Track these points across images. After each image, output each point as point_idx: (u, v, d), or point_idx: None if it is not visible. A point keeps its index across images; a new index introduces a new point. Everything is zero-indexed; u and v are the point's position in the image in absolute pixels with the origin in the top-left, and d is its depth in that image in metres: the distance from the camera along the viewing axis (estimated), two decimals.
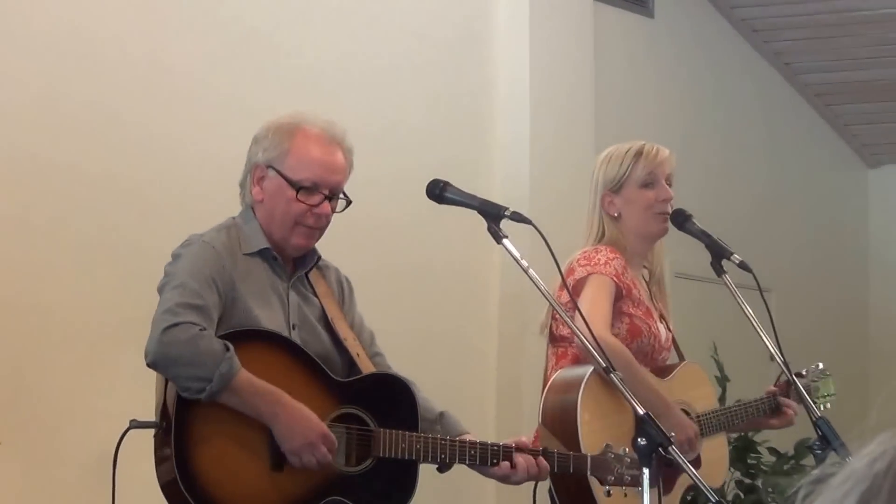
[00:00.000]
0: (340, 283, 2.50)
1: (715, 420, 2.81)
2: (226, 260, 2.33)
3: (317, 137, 2.37)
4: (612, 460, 2.43)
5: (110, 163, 3.38)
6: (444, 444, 2.35)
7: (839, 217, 6.31)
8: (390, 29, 4.11)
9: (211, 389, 2.21)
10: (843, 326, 5.79)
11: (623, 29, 4.97)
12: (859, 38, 5.57)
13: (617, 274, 2.72)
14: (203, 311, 2.25)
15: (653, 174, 2.79)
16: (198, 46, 3.60)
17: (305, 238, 2.37)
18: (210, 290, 2.29)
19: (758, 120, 5.81)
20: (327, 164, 2.35)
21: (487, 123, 4.35)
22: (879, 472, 0.55)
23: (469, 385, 4.16)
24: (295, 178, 2.34)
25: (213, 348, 2.22)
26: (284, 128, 2.38)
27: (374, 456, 2.34)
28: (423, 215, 3.79)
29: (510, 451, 2.39)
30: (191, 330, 2.21)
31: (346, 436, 2.34)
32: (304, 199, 2.34)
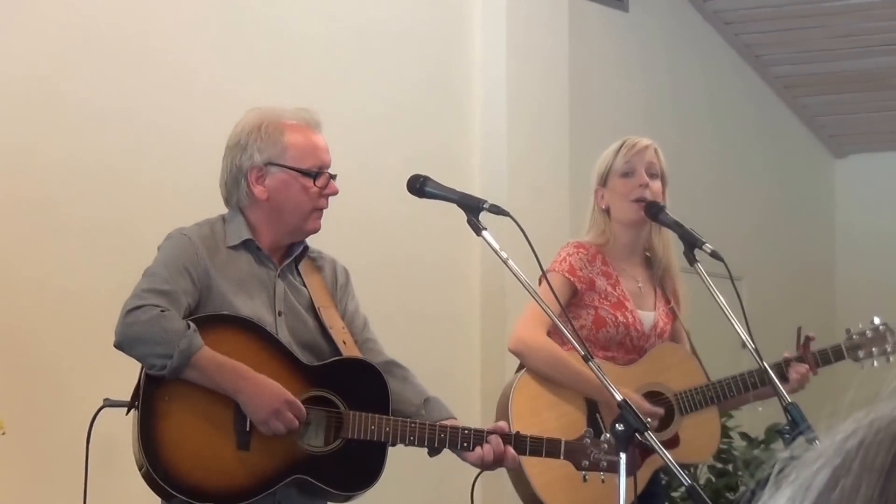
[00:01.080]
0: (335, 273, 2.55)
1: (698, 397, 2.87)
2: (201, 249, 2.38)
3: (302, 125, 2.45)
4: (588, 445, 2.44)
5: (96, 151, 3.41)
6: (414, 427, 2.38)
7: (807, 205, 6.42)
8: (367, 25, 4.15)
9: (172, 365, 2.27)
10: (812, 312, 5.89)
11: (598, 22, 5.04)
12: (827, 30, 5.66)
13: (572, 269, 2.83)
14: (169, 296, 2.32)
15: (630, 163, 2.87)
16: (188, 40, 3.64)
17: (319, 221, 2.46)
18: (182, 277, 2.35)
19: (728, 111, 5.90)
20: (321, 146, 2.45)
21: (465, 118, 4.40)
22: (851, 449, 0.56)
23: (453, 372, 4.22)
24: (305, 166, 2.42)
25: (175, 327, 2.29)
26: (271, 125, 2.43)
27: (342, 437, 2.38)
28: (404, 209, 3.85)
29: (481, 435, 2.40)
30: (152, 311, 2.29)
31: (317, 417, 2.38)
32: (322, 185, 2.43)
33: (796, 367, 2.88)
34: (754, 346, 2.49)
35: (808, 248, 6.35)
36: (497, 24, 4.42)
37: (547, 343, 2.80)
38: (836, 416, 0.59)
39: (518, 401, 2.81)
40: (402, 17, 4.25)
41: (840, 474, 0.56)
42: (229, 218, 2.47)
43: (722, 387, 2.89)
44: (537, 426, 2.78)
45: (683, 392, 2.88)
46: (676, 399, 2.88)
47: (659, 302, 2.95)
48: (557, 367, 2.79)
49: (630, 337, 2.89)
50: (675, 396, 2.88)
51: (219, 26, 3.73)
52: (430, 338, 4.16)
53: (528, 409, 2.81)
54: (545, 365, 2.81)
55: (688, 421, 2.88)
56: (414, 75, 4.28)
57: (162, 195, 3.51)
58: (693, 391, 2.88)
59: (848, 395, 0.61)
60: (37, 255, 3.29)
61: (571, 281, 2.83)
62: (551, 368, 2.81)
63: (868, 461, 0.55)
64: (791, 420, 2.44)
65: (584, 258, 2.85)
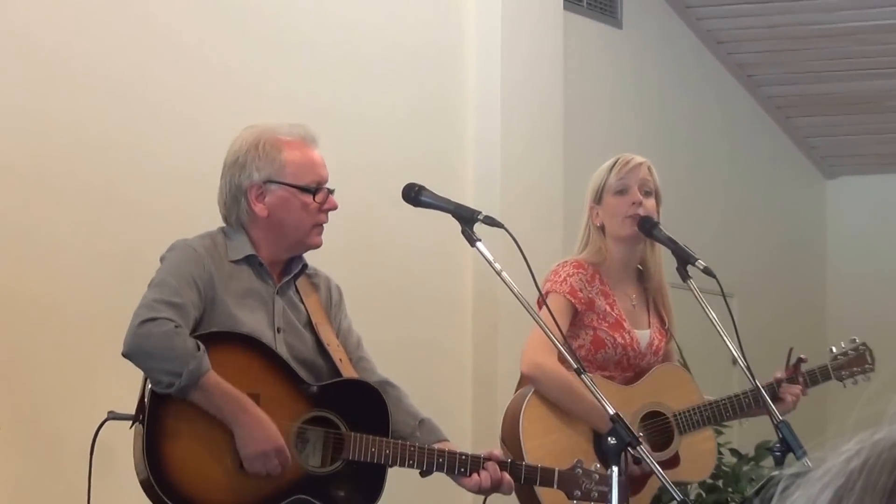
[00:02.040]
0: (329, 290, 2.55)
1: (696, 416, 2.88)
2: (207, 261, 2.39)
3: (298, 142, 2.45)
4: (580, 476, 2.46)
5: (99, 167, 3.41)
6: (413, 451, 2.40)
7: (798, 225, 6.46)
8: (365, 38, 4.16)
9: (180, 384, 2.28)
10: (802, 330, 5.92)
11: (592, 38, 5.06)
12: (819, 52, 5.70)
13: (573, 290, 2.83)
14: (180, 309, 2.32)
15: (623, 181, 2.87)
16: (174, 58, 3.63)
17: (320, 235, 2.47)
18: (190, 288, 2.35)
19: (720, 130, 5.93)
20: (319, 162, 2.46)
21: (459, 132, 4.41)
22: (854, 469, 0.56)
23: (445, 387, 4.21)
24: (304, 183, 2.42)
25: (186, 346, 2.29)
26: (268, 143, 2.43)
27: (343, 458, 2.39)
28: (398, 219, 3.85)
29: (478, 461, 2.42)
30: (166, 325, 2.28)
31: (317, 438, 2.40)
32: (322, 200, 2.43)
33: (789, 388, 2.89)
34: (746, 364, 2.49)
35: (799, 266, 6.38)
36: (492, 39, 4.44)
37: (560, 369, 2.78)
38: (840, 436, 0.59)
39: (530, 419, 2.81)
40: (398, 31, 4.26)
41: (843, 494, 0.56)
42: (230, 233, 2.47)
43: (720, 407, 2.90)
44: (549, 445, 2.79)
45: (683, 412, 2.89)
46: (676, 419, 2.89)
47: (653, 319, 2.95)
48: (568, 394, 2.78)
49: (627, 356, 2.90)
50: (674, 416, 2.89)
51: (220, 39, 3.73)
52: (421, 359, 4.15)
53: (540, 427, 2.81)
54: (556, 391, 2.81)
55: (687, 440, 2.89)
56: (409, 90, 4.28)
57: (166, 208, 3.50)
58: (692, 411, 2.89)
59: (852, 414, 0.61)
60: (41, 266, 3.27)
61: (572, 302, 2.83)
62: (562, 395, 2.80)
63: (871, 482, 0.56)
64: (782, 438, 2.44)
65: (583, 278, 2.85)
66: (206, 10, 3.72)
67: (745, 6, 5.49)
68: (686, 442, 2.88)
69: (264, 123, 2.49)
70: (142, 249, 2.96)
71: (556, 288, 2.82)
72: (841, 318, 6.34)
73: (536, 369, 2.80)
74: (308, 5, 4.01)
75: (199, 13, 3.69)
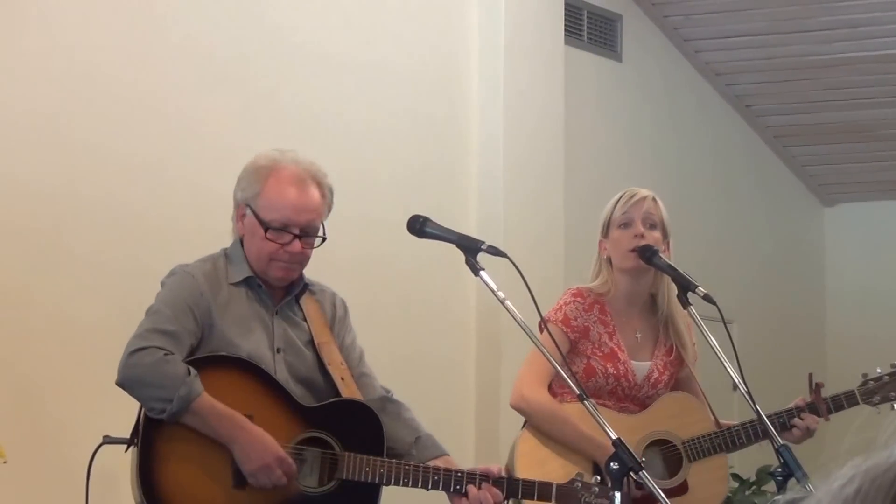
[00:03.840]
0: (334, 307, 2.57)
1: (707, 444, 2.87)
2: (204, 288, 2.42)
3: (288, 178, 2.44)
4: (579, 489, 2.44)
5: (103, 185, 3.46)
6: (408, 470, 2.41)
7: (797, 252, 6.49)
8: (369, 73, 4.23)
9: (171, 410, 2.32)
10: (802, 356, 5.94)
11: (593, 72, 5.14)
12: (816, 82, 5.76)
13: (566, 319, 2.86)
14: (173, 337, 2.36)
15: (627, 214, 2.89)
16: (186, 76, 3.69)
17: (283, 272, 2.46)
18: (185, 316, 2.39)
19: (719, 159, 5.98)
20: (297, 205, 2.42)
21: (462, 161, 4.47)
22: (848, 496, 0.57)
23: (448, 401, 4.23)
24: (266, 218, 2.42)
25: (176, 372, 2.33)
26: (261, 170, 2.45)
27: (337, 478, 2.40)
28: (400, 250, 3.90)
29: (473, 477, 2.42)
30: (155, 354, 2.33)
31: (312, 458, 2.41)
32: (274, 238, 2.42)
33: (806, 419, 2.85)
34: (746, 389, 2.51)
35: (798, 293, 6.41)
36: (494, 72, 4.50)
37: (548, 401, 2.81)
38: (833, 463, 0.60)
39: (522, 454, 2.83)
40: (400, 67, 4.32)
41: None
42: (231, 254, 2.51)
43: (731, 435, 2.88)
44: (545, 476, 2.75)
45: (692, 439, 2.88)
46: (685, 447, 2.88)
47: (658, 351, 2.95)
48: (557, 424, 2.81)
49: (621, 387, 2.90)
50: (683, 444, 2.88)
51: (222, 43, 3.78)
52: (425, 377, 4.18)
53: (533, 460, 2.82)
54: (546, 423, 2.83)
55: (697, 468, 2.87)
56: (411, 124, 4.34)
57: (167, 233, 3.55)
58: (702, 438, 2.88)
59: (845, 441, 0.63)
60: (41, 289, 3.32)
61: (565, 332, 2.86)
62: (551, 425, 2.83)
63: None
64: (783, 462, 2.45)
65: (579, 307, 2.88)
66: (226, 29, 3.77)
67: (743, 38, 5.57)
68: (696, 469, 2.87)
69: (284, 151, 2.49)
70: (148, 275, 3.00)
71: (552, 317, 2.85)
72: (841, 345, 6.36)
73: (522, 402, 2.83)
74: (319, 24, 4.08)
75: (219, 33, 3.75)
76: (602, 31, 5.22)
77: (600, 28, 5.21)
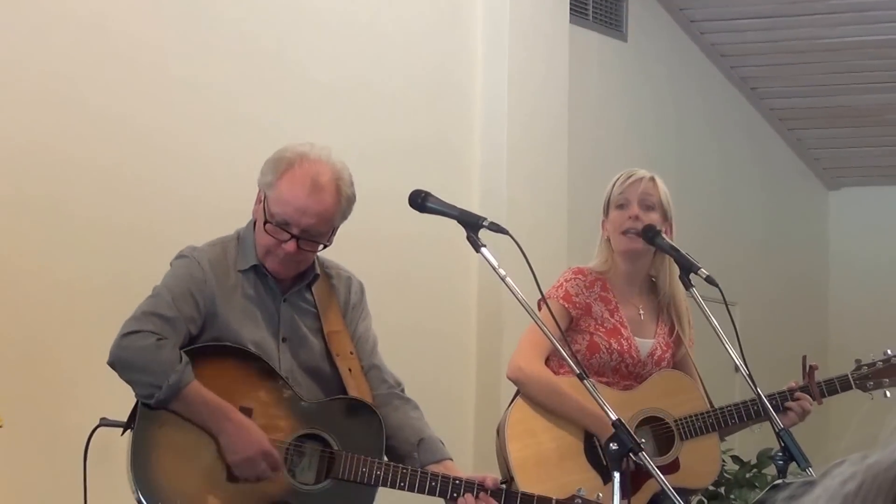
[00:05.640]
0: (349, 292, 2.52)
1: (698, 423, 2.87)
2: (209, 276, 2.39)
3: (303, 177, 2.37)
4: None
5: (106, 155, 3.43)
6: (406, 473, 2.37)
7: (801, 235, 6.48)
8: (374, 50, 4.19)
9: (159, 397, 2.30)
10: (804, 338, 5.93)
11: (597, 51, 5.10)
12: (822, 65, 5.73)
13: (567, 295, 2.86)
14: (169, 322, 2.33)
15: (624, 195, 2.89)
16: (205, 61, 3.67)
17: (277, 266, 2.41)
18: (186, 303, 2.36)
19: (724, 142, 5.96)
20: (302, 206, 2.36)
21: (465, 141, 4.44)
22: (849, 493, 0.57)
23: (448, 378, 4.22)
24: (272, 210, 2.38)
25: (168, 358, 2.30)
26: (283, 161, 2.40)
27: (332, 477, 2.37)
28: (403, 226, 3.88)
29: (472, 486, 2.37)
30: (147, 339, 2.31)
31: (311, 454, 2.38)
32: (271, 233, 2.38)
33: (800, 400, 2.85)
34: (747, 371, 2.49)
35: (802, 276, 6.40)
36: (499, 51, 4.48)
37: (544, 372, 2.81)
38: (834, 456, 0.60)
39: (514, 422, 2.82)
40: (405, 44, 4.29)
41: None
42: (244, 236, 2.46)
43: (724, 414, 2.88)
44: (533, 447, 2.79)
45: (684, 418, 2.88)
46: (677, 425, 2.87)
47: (661, 330, 2.95)
48: (553, 395, 2.80)
49: (625, 363, 2.89)
50: (675, 422, 2.88)
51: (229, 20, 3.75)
52: (425, 354, 4.17)
53: (524, 429, 2.81)
54: (541, 393, 2.82)
55: (689, 446, 2.87)
56: (415, 103, 4.31)
57: (171, 208, 3.53)
58: (694, 417, 2.88)
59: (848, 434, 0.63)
60: (43, 263, 3.30)
61: (566, 308, 2.85)
62: (546, 397, 2.82)
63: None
64: (783, 446, 2.44)
65: (580, 284, 2.87)
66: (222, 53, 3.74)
67: (749, 21, 5.53)
68: (688, 448, 2.87)
69: (318, 148, 2.42)
70: (151, 252, 2.98)
71: (552, 294, 2.84)
72: (843, 327, 6.36)
73: (518, 372, 2.82)
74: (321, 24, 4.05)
75: (216, 57, 3.71)
76: (607, 11, 5.18)
77: (605, 7, 5.17)
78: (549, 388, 2.80)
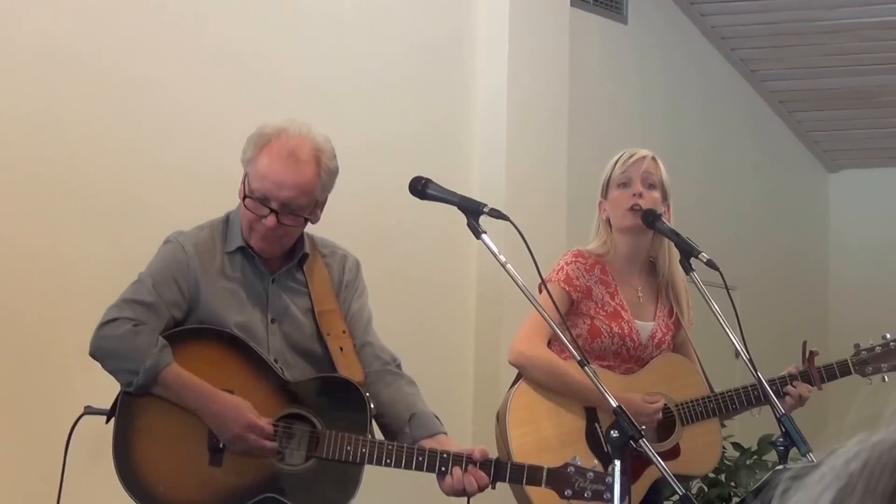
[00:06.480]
0: (342, 271, 2.49)
1: (700, 408, 2.86)
2: (193, 261, 2.38)
3: (281, 151, 2.35)
4: (572, 474, 2.34)
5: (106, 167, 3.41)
6: (391, 450, 2.32)
7: (802, 218, 6.47)
8: (372, 34, 4.17)
9: (137, 382, 2.30)
10: (805, 322, 5.93)
11: (598, 34, 5.07)
12: (822, 47, 5.71)
13: (568, 279, 2.85)
14: (149, 308, 2.33)
15: (626, 174, 2.88)
16: (188, 59, 3.64)
17: (260, 243, 2.39)
18: (168, 288, 2.36)
19: (724, 124, 5.94)
20: (279, 180, 2.33)
21: (465, 126, 4.42)
22: (854, 471, 0.56)
23: (448, 372, 4.21)
24: (251, 186, 2.36)
25: (144, 343, 2.30)
26: (262, 137, 2.38)
27: (316, 456, 2.34)
28: (402, 213, 3.86)
29: (460, 459, 2.32)
30: (124, 326, 2.31)
31: (301, 435, 2.35)
32: (251, 208, 2.36)
33: (799, 387, 2.84)
34: (748, 356, 2.48)
35: (802, 260, 6.39)
36: (499, 34, 4.45)
37: (546, 353, 2.80)
38: (839, 436, 0.59)
39: (515, 408, 2.81)
40: (404, 28, 4.27)
41: (843, 497, 0.56)
42: (233, 217, 2.45)
43: (724, 399, 2.87)
44: (535, 433, 2.79)
45: (686, 403, 2.86)
46: (678, 409, 2.86)
47: (660, 312, 2.94)
48: (557, 377, 2.79)
49: (626, 347, 2.89)
50: (676, 407, 2.87)
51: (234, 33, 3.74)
52: (425, 341, 4.16)
53: (526, 415, 2.81)
54: (545, 375, 2.81)
55: (689, 432, 2.86)
56: (414, 86, 4.29)
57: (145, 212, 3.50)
58: (695, 402, 2.87)
59: (849, 415, 0.62)
60: (25, 248, 3.28)
61: (567, 291, 2.84)
62: (551, 379, 2.80)
63: (871, 485, 0.55)
64: (784, 432, 2.44)
65: (581, 267, 2.87)
66: (222, 16, 3.73)
67: (749, 3, 5.50)
68: (688, 433, 2.86)
69: (298, 123, 2.40)
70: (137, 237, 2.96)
71: (552, 277, 2.83)
72: (844, 311, 6.35)
73: (520, 356, 2.82)
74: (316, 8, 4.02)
75: (216, 19, 3.70)
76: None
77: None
78: (554, 371, 2.79)
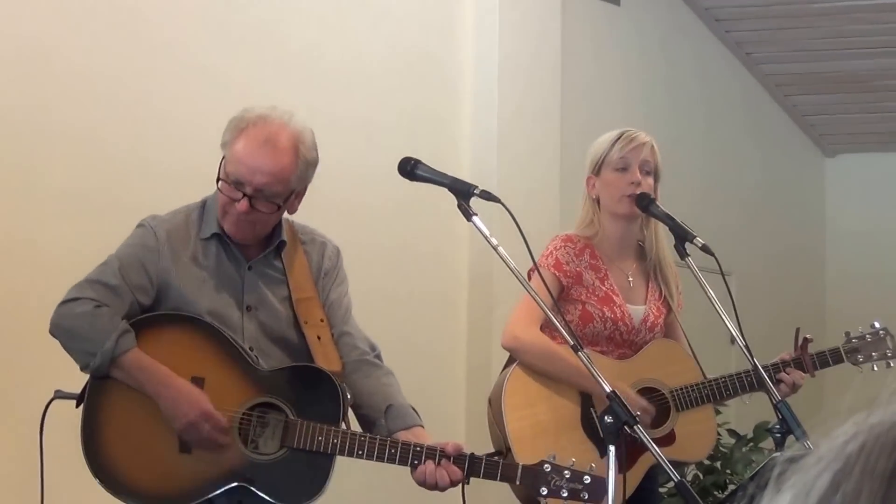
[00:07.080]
0: (322, 258, 2.46)
1: (694, 394, 2.84)
2: (164, 247, 2.35)
3: (258, 136, 2.32)
4: (549, 472, 2.28)
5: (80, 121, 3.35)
6: (363, 441, 2.28)
7: (798, 203, 6.45)
8: (364, 16, 4.12)
9: (94, 364, 2.27)
10: (801, 308, 5.91)
11: (591, 15, 5.02)
12: (815, 30, 5.67)
13: (558, 264, 2.82)
14: (112, 291, 2.30)
15: (625, 159, 2.84)
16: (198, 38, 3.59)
17: (233, 226, 2.36)
18: (135, 272, 2.33)
19: (719, 107, 5.90)
20: (253, 165, 2.30)
21: (456, 107, 4.38)
22: (852, 453, 0.56)
23: (439, 357, 4.19)
24: (227, 168, 2.34)
25: (104, 325, 2.27)
26: (242, 121, 2.35)
27: (287, 446, 2.31)
28: (393, 193, 3.82)
29: (434, 452, 2.27)
30: (85, 306, 2.28)
31: (275, 424, 2.32)
32: (225, 191, 2.33)
33: (792, 374, 2.83)
34: (744, 342, 2.46)
35: (798, 244, 6.37)
36: (490, 15, 4.40)
37: (540, 337, 2.78)
38: (835, 419, 0.58)
39: (510, 392, 2.78)
40: (394, 10, 4.21)
41: (841, 479, 0.55)
42: (210, 203, 2.41)
43: (719, 385, 2.85)
44: (531, 417, 2.76)
45: (680, 389, 2.85)
46: (672, 396, 2.85)
47: (651, 295, 2.92)
48: (551, 360, 2.77)
49: (619, 331, 2.86)
50: (671, 393, 2.85)
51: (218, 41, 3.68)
52: (416, 322, 4.13)
53: (522, 399, 2.78)
54: (538, 359, 2.79)
55: (684, 418, 2.85)
56: (404, 69, 4.24)
57: (138, 178, 3.45)
58: (689, 388, 2.85)
59: (847, 397, 0.60)
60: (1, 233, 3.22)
61: (557, 276, 2.82)
62: (545, 362, 2.78)
63: (869, 466, 0.55)
64: (781, 418, 2.42)
65: (570, 252, 2.84)
66: (205, 16, 3.67)
67: None
68: (683, 420, 2.85)
69: (280, 111, 2.36)
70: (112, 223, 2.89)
71: (542, 262, 2.80)
72: (840, 296, 6.34)
73: (514, 341, 2.80)
74: None
75: (198, 19, 3.65)
76: None
77: None
78: (548, 354, 2.77)
